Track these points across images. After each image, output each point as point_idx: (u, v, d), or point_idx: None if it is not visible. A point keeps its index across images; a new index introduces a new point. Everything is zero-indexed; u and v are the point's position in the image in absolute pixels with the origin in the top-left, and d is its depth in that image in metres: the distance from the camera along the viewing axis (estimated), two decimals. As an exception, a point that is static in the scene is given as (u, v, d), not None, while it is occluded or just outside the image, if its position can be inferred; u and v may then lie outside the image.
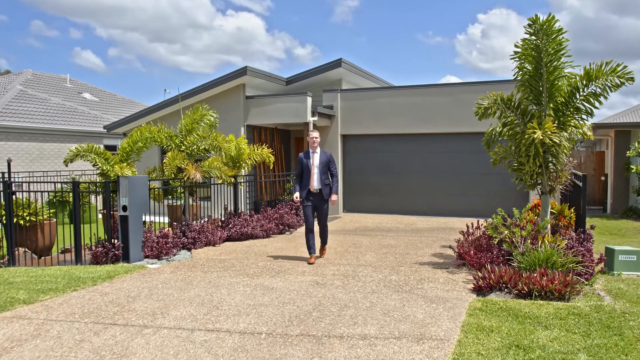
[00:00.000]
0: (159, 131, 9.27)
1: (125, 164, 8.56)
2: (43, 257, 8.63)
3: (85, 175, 15.06)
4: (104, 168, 8.52)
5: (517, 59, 7.11)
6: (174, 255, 8.24)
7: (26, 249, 8.56)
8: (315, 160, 7.74)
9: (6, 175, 13.98)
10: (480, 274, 5.93)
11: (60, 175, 14.56)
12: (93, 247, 7.68)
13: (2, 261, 7.90)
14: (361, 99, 14.41)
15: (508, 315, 4.90)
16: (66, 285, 6.22)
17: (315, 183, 7.69)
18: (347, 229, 11.89)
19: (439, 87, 13.72)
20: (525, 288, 5.45)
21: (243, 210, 11.86)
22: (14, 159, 15.67)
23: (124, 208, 7.52)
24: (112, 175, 8.41)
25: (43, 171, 14.81)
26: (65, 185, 10.07)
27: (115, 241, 7.68)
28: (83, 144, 8.70)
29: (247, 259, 7.99)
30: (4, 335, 4.60)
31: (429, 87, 13.78)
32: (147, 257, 7.89)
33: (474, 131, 12.96)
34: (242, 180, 11.95)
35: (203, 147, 9.17)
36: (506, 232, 6.40)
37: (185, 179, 9.13)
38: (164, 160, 8.97)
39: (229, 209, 10.83)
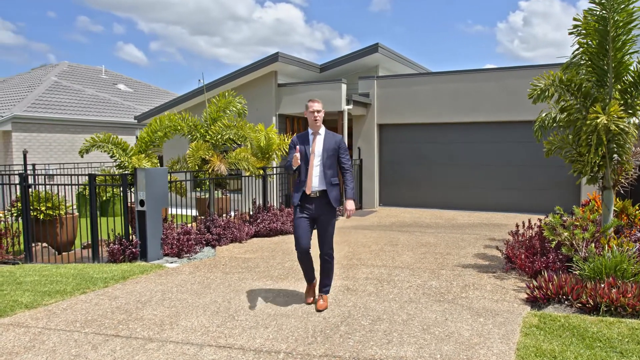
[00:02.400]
0: (183, 120, 8.74)
1: (143, 155, 8.08)
2: (63, 253, 8.28)
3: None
4: (122, 159, 8.07)
5: (576, 34, 6.20)
6: (196, 253, 7.72)
7: (46, 245, 8.23)
8: (318, 145, 4.89)
9: (30, 168, 13.87)
10: (535, 283, 5.12)
11: (90, 167, 14.37)
12: (111, 244, 7.23)
13: (19, 257, 7.57)
14: (399, 86, 13.56)
15: (572, 336, 4.10)
16: (75, 287, 5.76)
17: (315, 182, 4.82)
18: (383, 224, 11.16)
19: (483, 73, 12.73)
20: (591, 301, 4.62)
21: (273, 204, 11.29)
22: (46, 151, 15.60)
23: (142, 202, 7.04)
24: (130, 167, 7.95)
25: (74, 163, 14.65)
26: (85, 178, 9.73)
27: (133, 238, 7.21)
28: (100, 134, 8.28)
29: (274, 258, 7.39)
30: (-4, 346, 4.13)
31: (471, 73, 12.80)
32: (166, 255, 7.40)
33: (520, 119, 11.97)
34: (272, 173, 11.36)
35: (227, 136, 8.58)
36: (566, 234, 5.55)
37: (209, 171, 8.59)
38: (187, 152, 8.45)
39: (257, 203, 10.27)
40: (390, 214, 12.64)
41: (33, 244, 8.12)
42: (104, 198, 12.15)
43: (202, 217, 8.95)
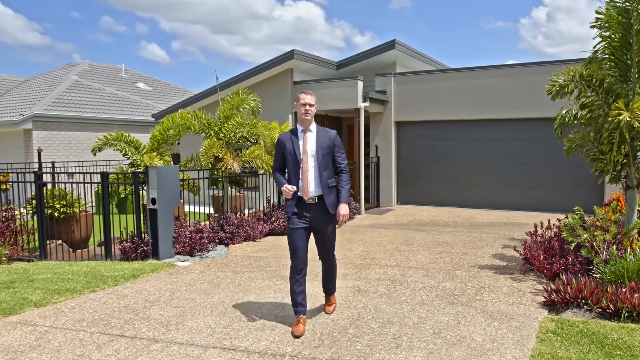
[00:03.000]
0: (197, 118, 8.71)
1: (155, 153, 8.06)
2: (78, 251, 8.32)
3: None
4: (134, 158, 8.06)
5: (598, 27, 5.96)
6: (209, 251, 7.68)
7: (61, 242, 8.27)
8: (310, 144, 4.31)
9: (50, 165, 14.03)
10: (553, 286, 4.93)
11: (109, 165, 14.47)
12: (123, 242, 7.23)
13: (34, 255, 7.62)
14: (416, 82, 13.35)
15: (591, 343, 3.91)
16: (85, 285, 5.75)
17: (311, 186, 4.28)
18: (399, 222, 10.99)
19: (501, 69, 12.42)
20: (612, 306, 4.42)
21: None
22: (66, 149, 15.79)
23: (153, 201, 7.01)
24: (142, 166, 7.94)
25: (92, 161, 14.78)
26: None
27: (146, 236, 7.19)
28: (112, 132, 8.29)
29: (286, 257, 7.29)
30: (1, 345, 4.12)
31: (489, 69, 12.52)
32: (178, 253, 7.37)
33: (541, 116, 11.66)
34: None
35: (240, 134, 8.52)
36: (585, 235, 5.33)
37: (222, 169, 8.54)
38: (200, 150, 8.41)
39: (272, 201, 10.20)
40: (407, 212, 12.46)
41: (48, 241, 8.17)
42: (122, 195, 12.22)
43: (217, 215, 8.89)
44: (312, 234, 4.43)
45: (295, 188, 4.25)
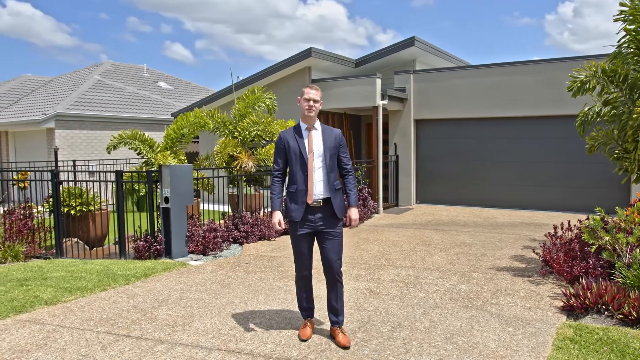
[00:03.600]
0: (212, 116, 8.68)
1: (168, 151, 8.04)
2: (94, 249, 8.38)
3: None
4: (148, 156, 8.07)
5: (623, 20, 5.71)
6: (223, 250, 7.64)
7: (78, 240, 8.34)
8: (317, 143, 4.03)
9: (75, 162, 14.22)
10: (572, 290, 4.73)
11: (129, 163, 14.61)
12: (137, 241, 7.24)
13: (50, 252, 7.69)
14: (436, 80, 13.12)
15: (611, 352, 3.72)
16: (97, 284, 5.75)
17: (319, 188, 3.98)
18: (418, 222, 10.81)
19: (523, 65, 12.11)
20: (634, 313, 4.21)
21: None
22: (88, 147, 15.99)
23: (166, 199, 6.99)
24: (156, 164, 7.94)
25: (113, 159, 14.94)
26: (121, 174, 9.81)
27: (159, 235, 7.19)
28: (127, 131, 8.31)
29: (299, 257, 7.21)
30: (9, 343, 4.13)
31: (511, 65, 12.22)
32: (192, 252, 7.35)
33: (563, 114, 11.34)
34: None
35: (255, 132, 8.45)
36: (607, 237, 5.10)
37: (237, 167, 8.49)
38: (215, 148, 8.38)
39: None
40: (426, 212, 12.26)
41: (66, 239, 8.25)
42: (142, 194, 12.31)
43: (232, 214, 8.85)
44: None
45: (281, 223, 4.06)
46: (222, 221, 8.88)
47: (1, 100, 19.37)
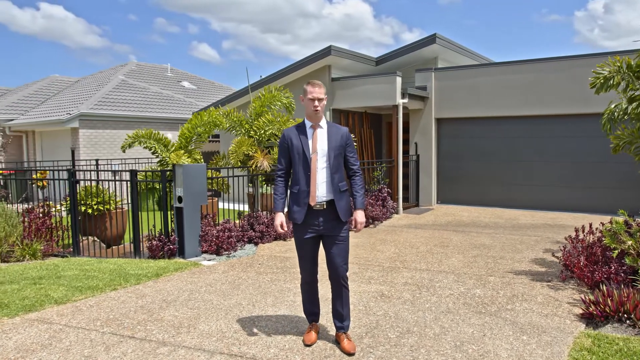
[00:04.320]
0: (227, 115, 8.65)
1: (182, 150, 8.03)
2: (111, 247, 8.44)
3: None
4: (163, 155, 8.08)
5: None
6: (237, 250, 7.60)
7: (95, 238, 8.42)
8: (321, 142, 3.86)
9: (98, 161, 14.41)
10: (591, 297, 4.51)
11: (150, 163, 14.74)
12: (152, 240, 7.24)
13: (67, 250, 7.77)
14: (458, 78, 12.85)
15: (631, 364, 3.52)
16: (108, 283, 5.76)
17: (322, 190, 3.82)
18: (438, 223, 10.59)
19: (548, 62, 11.75)
20: (658, 322, 3.98)
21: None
22: (111, 146, 16.20)
23: (179, 199, 6.98)
24: (170, 164, 7.94)
25: (134, 158, 15.09)
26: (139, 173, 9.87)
27: (173, 234, 7.18)
28: (142, 130, 8.34)
29: (313, 258, 7.11)
30: (16, 342, 4.14)
31: (535, 62, 11.87)
32: (205, 252, 7.32)
33: (589, 112, 10.97)
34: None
35: (270, 131, 8.38)
36: (630, 242, 4.86)
37: (253, 167, 8.44)
38: (230, 147, 8.34)
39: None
40: (447, 212, 12.02)
41: (83, 238, 8.33)
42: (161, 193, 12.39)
43: (247, 213, 8.81)
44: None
45: (284, 225, 3.92)
46: (238, 221, 8.84)
47: (29, 100, 19.80)
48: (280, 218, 3.93)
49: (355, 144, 10.87)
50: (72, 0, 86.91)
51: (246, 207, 11.99)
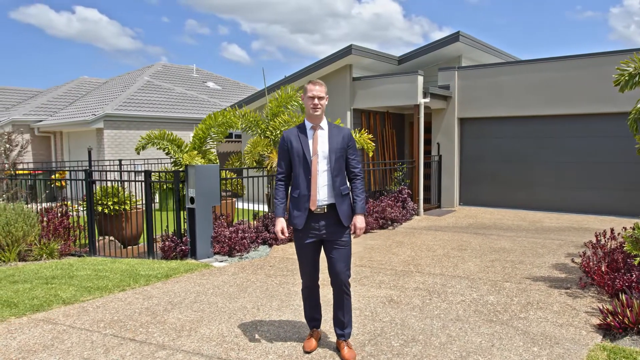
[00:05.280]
0: (243, 116, 8.61)
1: (196, 151, 8.02)
2: (127, 247, 8.51)
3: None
4: (176, 156, 8.09)
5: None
6: (249, 251, 7.55)
7: (112, 238, 8.49)
8: (322, 144, 3.73)
9: (122, 161, 14.62)
10: (609, 307, 4.27)
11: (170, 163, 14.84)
12: (165, 241, 7.25)
13: (84, 250, 7.85)
14: (482, 76, 12.54)
15: (647, 380, 3.29)
16: (117, 283, 5.77)
17: (323, 193, 3.69)
18: (459, 225, 10.35)
19: (576, 59, 11.33)
20: (680, 335, 3.73)
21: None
22: (134, 146, 16.39)
23: (192, 200, 6.97)
24: (184, 164, 7.95)
25: (157, 158, 15.25)
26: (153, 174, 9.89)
27: (185, 235, 7.17)
28: (155, 131, 8.37)
29: (324, 261, 7.00)
30: (19, 343, 4.16)
31: (562, 60, 11.48)
32: (217, 253, 7.29)
33: (617, 111, 10.59)
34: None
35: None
36: (654, 248, 4.59)
37: (268, 167, 8.38)
38: (245, 148, 8.30)
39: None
40: (469, 214, 11.75)
41: (101, 237, 8.42)
42: (182, 193, 12.48)
43: (263, 214, 8.76)
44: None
45: (284, 231, 3.83)
46: (254, 222, 8.79)
47: (58, 102, 20.26)
48: (280, 224, 3.83)
49: (374, 144, 10.72)
50: (106, 3, 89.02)
51: (267, 208, 11.97)
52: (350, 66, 13.29)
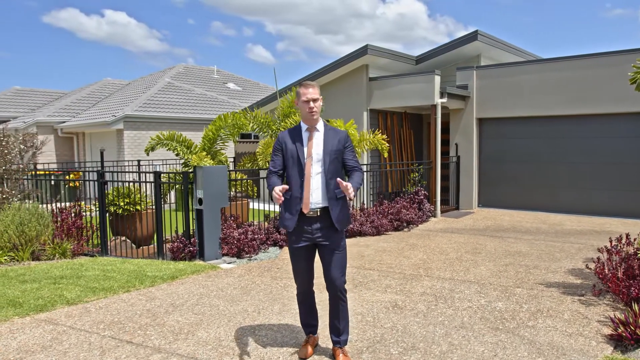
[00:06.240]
0: (254, 117, 8.57)
1: (205, 152, 8.01)
2: (140, 247, 8.55)
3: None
4: (186, 157, 8.09)
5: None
6: (259, 253, 7.50)
7: (125, 238, 8.55)
8: (317, 146, 3.65)
9: (136, 164, 14.77)
10: (621, 317, 4.07)
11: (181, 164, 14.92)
12: (174, 242, 7.26)
13: (96, 250, 7.92)
14: (501, 76, 12.27)
15: (656, 396, 3.11)
16: (122, 284, 5.78)
17: (316, 196, 3.59)
18: (476, 227, 10.14)
19: (599, 57, 10.98)
20: (696, 348, 3.52)
21: (354, 204, 10.80)
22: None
23: (200, 201, 6.95)
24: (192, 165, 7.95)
25: (175, 159, 15.34)
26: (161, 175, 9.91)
27: (193, 236, 7.16)
28: (165, 132, 8.39)
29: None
30: (19, 343, 4.18)
31: (585, 58, 11.14)
32: (225, 254, 7.26)
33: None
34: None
35: (294, 133, 8.24)
36: (670, 255, 4.37)
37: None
38: (257, 149, 8.26)
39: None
40: (487, 216, 11.50)
41: (114, 238, 8.49)
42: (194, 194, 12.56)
43: (274, 216, 8.71)
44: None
45: (286, 188, 3.45)
46: (265, 223, 8.75)
47: (81, 103, 20.62)
48: (276, 188, 3.41)
49: (388, 145, 10.57)
50: (134, 6, 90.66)
51: (279, 208, 11.93)
52: (366, 66, 13.16)
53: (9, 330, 4.46)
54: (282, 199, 3.45)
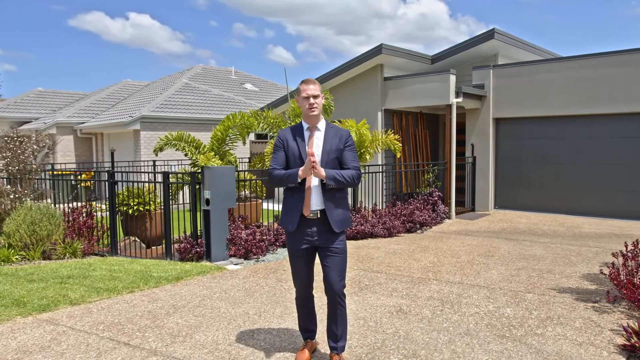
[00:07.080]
0: (264, 117, 8.51)
1: (212, 153, 7.98)
2: (149, 248, 8.57)
3: (241, 162, 15.11)
4: (194, 157, 8.07)
5: None
6: (266, 254, 7.43)
7: (136, 238, 8.57)
8: (317, 145, 3.56)
9: (151, 164, 14.85)
10: (635, 325, 3.89)
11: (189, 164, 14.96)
12: (182, 242, 7.24)
13: (106, 250, 7.95)
14: (519, 75, 12.01)
15: (667, 411, 2.94)
16: (127, 285, 5.77)
17: (315, 198, 3.52)
18: (491, 229, 9.93)
19: (620, 56, 10.66)
20: None
21: (366, 205, 10.67)
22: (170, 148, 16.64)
23: (207, 202, 6.91)
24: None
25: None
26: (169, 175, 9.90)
27: (200, 237, 7.13)
28: (173, 132, 8.39)
29: (342, 265, 6.80)
30: (19, 343, 4.18)
31: (605, 56, 10.82)
32: (233, 255, 7.21)
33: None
34: (365, 171, 10.71)
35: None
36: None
37: (288, 169, 8.26)
38: (265, 149, 8.20)
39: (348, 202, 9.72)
40: (503, 218, 11.26)
41: (124, 238, 8.52)
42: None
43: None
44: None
45: (314, 156, 3.35)
46: (275, 224, 8.69)
47: (100, 104, 20.88)
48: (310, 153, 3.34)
49: (401, 145, 10.42)
50: (158, 8, 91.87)
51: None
52: (381, 66, 13.02)
53: (11, 330, 4.47)
54: (314, 159, 3.32)
